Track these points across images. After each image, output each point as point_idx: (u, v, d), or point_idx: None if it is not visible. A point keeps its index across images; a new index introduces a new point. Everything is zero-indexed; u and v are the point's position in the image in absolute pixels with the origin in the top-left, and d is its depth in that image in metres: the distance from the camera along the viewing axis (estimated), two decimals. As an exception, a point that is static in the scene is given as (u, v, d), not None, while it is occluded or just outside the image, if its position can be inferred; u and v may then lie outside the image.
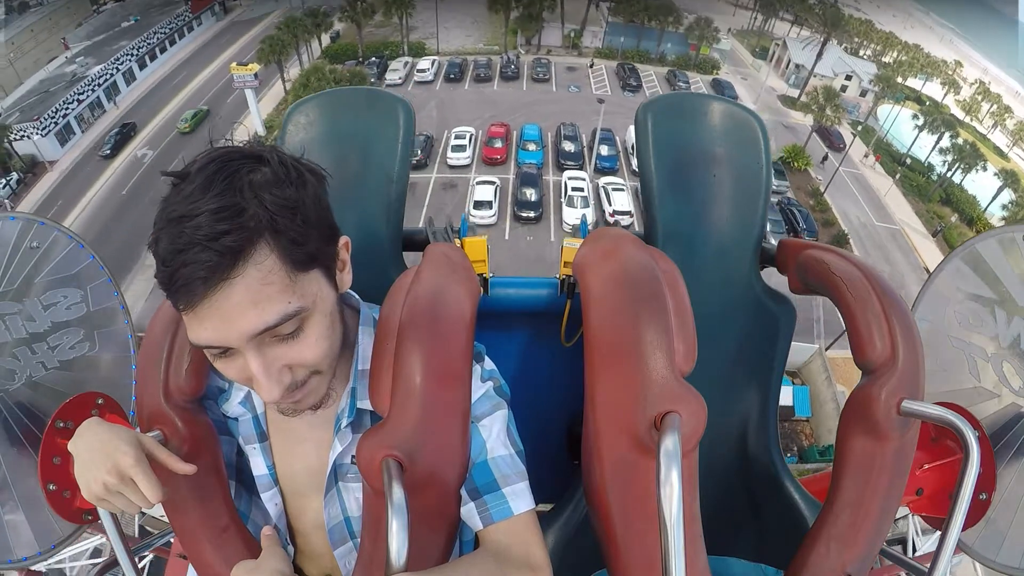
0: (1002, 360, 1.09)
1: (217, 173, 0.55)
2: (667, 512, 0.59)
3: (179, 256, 0.53)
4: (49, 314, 1.05)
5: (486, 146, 21.15)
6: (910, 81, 27.94)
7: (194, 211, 0.53)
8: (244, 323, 0.56)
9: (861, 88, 27.07)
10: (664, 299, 0.77)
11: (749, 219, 1.14)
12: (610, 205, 18.67)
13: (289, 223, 0.57)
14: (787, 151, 22.55)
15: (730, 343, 1.16)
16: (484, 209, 18.40)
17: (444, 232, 1.21)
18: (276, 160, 0.60)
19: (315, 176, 0.63)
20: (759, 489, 1.18)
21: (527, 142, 21.36)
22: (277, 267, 0.56)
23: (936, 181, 23.33)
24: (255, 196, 0.55)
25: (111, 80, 23.92)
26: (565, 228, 18.55)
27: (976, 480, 0.74)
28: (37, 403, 1.03)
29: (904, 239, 20.41)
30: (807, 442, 11.39)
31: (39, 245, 1.05)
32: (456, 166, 20.56)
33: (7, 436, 1.00)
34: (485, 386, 0.77)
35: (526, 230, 18.60)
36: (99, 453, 0.63)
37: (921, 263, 19.26)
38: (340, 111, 1.14)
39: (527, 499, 0.74)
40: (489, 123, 22.24)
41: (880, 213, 21.65)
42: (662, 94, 1.22)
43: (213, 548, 0.77)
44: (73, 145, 21.21)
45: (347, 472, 0.78)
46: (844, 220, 20.42)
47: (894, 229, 20.92)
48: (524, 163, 20.58)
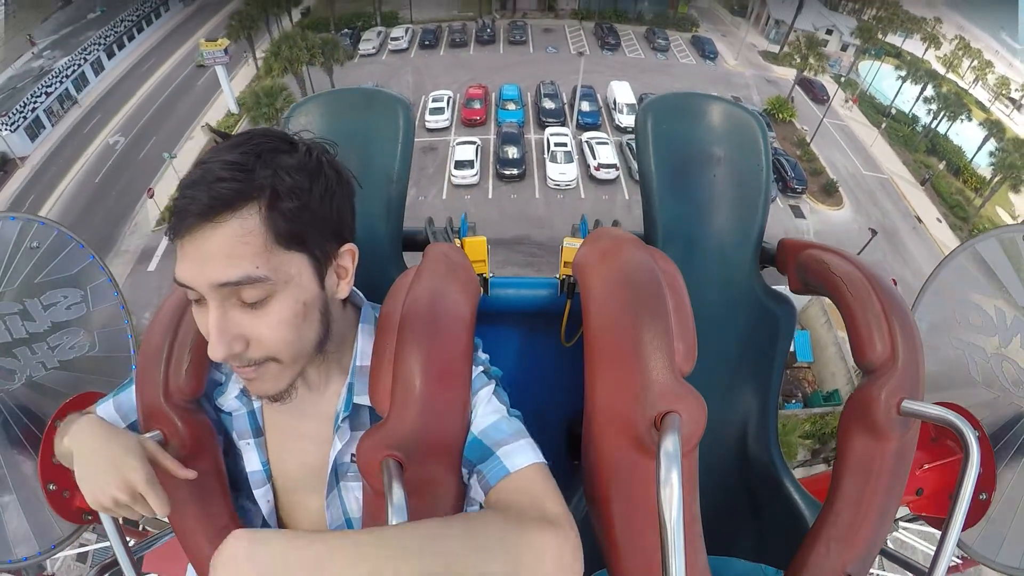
0: (1002, 360, 1.09)
1: (249, 140, 0.63)
2: (667, 512, 0.59)
3: (186, 190, 0.59)
4: (49, 314, 1.05)
5: (465, 108, 20.90)
6: (890, 38, 27.87)
7: (217, 159, 0.60)
8: (211, 270, 0.59)
9: (842, 42, 27.09)
10: (664, 299, 0.77)
11: (749, 219, 1.14)
12: (594, 159, 18.50)
13: (287, 202, 0.61)
14: (771, 103, 22.69)
15: (730, 343, 1.16)
16: (466, 169, 18.13)
17: (444, 232, 1.22)
18: (305, 150, 0.65)
19: (337, 176, 0.68)
20: (759, 489, 1.18)
21: (507, 102, 21.08)
22: (258, 231, 0.59)
23: (921, 132, 23.46)
24: (268, 167, 0.61)
25: (79, 71, 23.46)
26: (549, 184, 18.45)
27: (976, 480, 0.74)
28: (37, 403, 1.03)
29: (893, 187, 20.48)
30: (810, 388, 11.40)
31: (39, 245, 1.05)
32: (435, 129, 20.30)
33: (7, 436, 1.00)
34: (475, 371, 0.76)
35: (510, 188, 18.46)
36: (107, 464, 0.64)
37: (911, 211, 19.35)
38: (340, 111, 1.14)
39: (528, 454, 0.67)
40: (467, 87, 21.94)
41: (868, 163, 21.74)
42: (662, 94, 1.22)
43: (213, 548, 0.76)
44: (44, 139, 20.94)
45: (347, 471, 0.78)
46: (832, 169, 20.49)
47: (883, 178, 20.98)
48: (504, 122, 20.28)
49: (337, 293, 0.70)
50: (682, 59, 26.83)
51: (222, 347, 0.61)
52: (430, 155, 19.44)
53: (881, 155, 22.22)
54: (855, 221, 18.94)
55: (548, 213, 17.81)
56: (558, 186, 18.46)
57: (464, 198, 18.24)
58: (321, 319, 0.68)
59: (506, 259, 15.88)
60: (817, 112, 23.02)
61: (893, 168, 21.65)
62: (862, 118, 24.32)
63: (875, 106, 25.25)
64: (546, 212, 17.87)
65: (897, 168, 21.70)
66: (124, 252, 16.48)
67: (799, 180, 19.17)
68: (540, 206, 18.11)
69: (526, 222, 17.28)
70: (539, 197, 18.37)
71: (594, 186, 18.72)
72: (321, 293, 0.67)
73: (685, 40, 27.88)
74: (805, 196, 19.24)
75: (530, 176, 18.86)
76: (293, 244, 0.62)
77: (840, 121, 23.73)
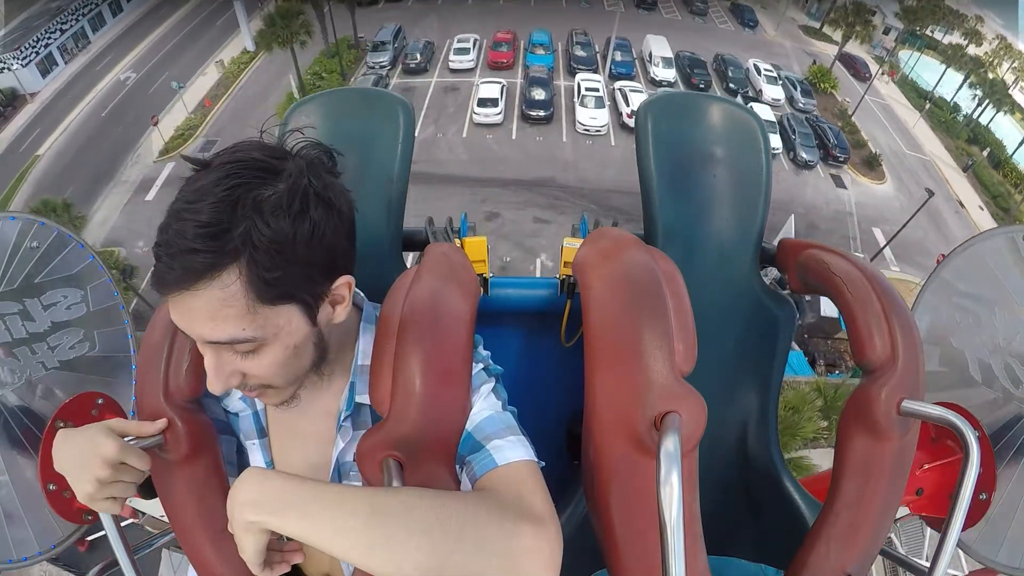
0: (1002, 360, 1.09)
1: (228, 178, 0.57)
2: (667, 512, 0.59)
3: (161, 250, 0.57)
4: (49, 314, 1.04)
5: (492, 50, 20.01)
6: (930, 34, 27.46)
7: (191, 211, 0.56)
8: (199, 328, 0.61)
9: (885, 24, 26.73)
10: (664, 299, 0.77)
11: (749, 219, 1.14)
12: (628, 106, 17.64)
13: (267, 259, 0.58)
14: (812, 72, 22.37)
15: (730, 343, 1.16)
16: (489, 107, 17.24)
17: (444, 232, 1.22)
18: (292, 180, 0.60)
19: (326, 208, 0.63)
20: (759, 489, 1.18)
21: (536, 47, 20.19)
22: (240, 294, 0.58)
23: (963, 121, 23.22)
24: (249, 217, 0.57)
25: (96, 10, 22.99)
26: (578, 128, 17.48)
27: (976, 480, 0.74)
28: (37, 403, 1.03)
29: (935, 170, 20.07)
30: (852, 360, 11.32)
31: (39, 245, 1.05)
32: (459, 70, 19.36)
33: (7, 436, 1.00)
34: (475, 368, 0.76)
35: (535, 131, 17.66)
36: (79, 452, 0.67)
37: (954, 195, 18.93)
38: (340, 111, 1.14)
39: (519, 451, 0.67)
40: (494, 31, 21.04)
41: (909, 143, 21.40)
42: (662, 93, 1.22)
43: (213, 548, 0.77)
44: (55, 76, 20.70)
45: (349, 470, 0.78)
46: (874, 144, 20.12)
47: (924, 160, 20.65)
48: (533, 66, 19.29)
49: (333, 319, 0.70)
50: (720, 25, 26.04)
51: (219, 384, 0.64)
52: (451, 95, 18.71)
53: (923, 137, 21.91)
54: (897, 198, 18.50)
55: (575, 157, 17.01)
56: (587, 131, 17.52)
57: (486, 137, 17.37)
58: (315, 349, 0.70)
59: (528, 200, 15.27)
60: (859, 88, 22.69)
61: (935, 151, 21.33)
62: (904, 100, 24.00)
63: (917, 90, 24.97)
64: (573, 156, 17.07)
65: (939, 152, 21.37)
66: (124, 182, 16.28)
67: (842, 148, 18.62)
68: (567, 150, 17.28)
69: (551, 165, 16.60)
70: (567, 141, 17.53)
71: (625, 135, 17.69)
72: (313, 330, 0.68)
73: (724, 7, 27.09)
74: (847, 167, 18.72)
75: (558, 121, 17.96)
76: (279, 299, 0.61)
77: (882, 100, 23.41)
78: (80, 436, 0.68)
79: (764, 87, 21.09)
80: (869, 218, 17.42)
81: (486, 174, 16.08)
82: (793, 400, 6.94)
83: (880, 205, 18.10)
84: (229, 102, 19.61)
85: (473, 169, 16.15)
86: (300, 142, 0.67)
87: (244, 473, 0.58)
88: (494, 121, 17.35)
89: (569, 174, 16.43)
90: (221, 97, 19.71)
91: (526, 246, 14.13)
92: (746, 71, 21.94)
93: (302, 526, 0.54)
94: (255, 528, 0.56)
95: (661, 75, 20.12)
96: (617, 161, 16.96)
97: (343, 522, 0.54)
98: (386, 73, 20.17)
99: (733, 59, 22.15)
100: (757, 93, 20.99)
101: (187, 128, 18.10)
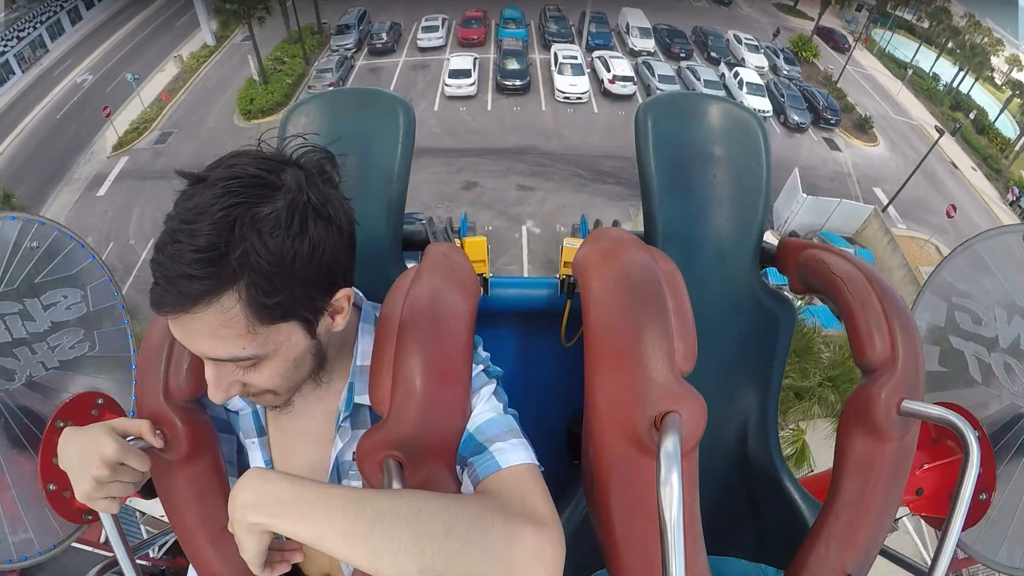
0: (1002, 360, 1.09)
1: (225, 196, 0.56)
2: (667, 512, 0.59)
3: (158, 271, 0.56)
4: (49, 314, 1.04)
5: (461, 27, 19.36)
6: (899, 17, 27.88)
7: (187, 232, 0.55)
8: (198, 345, 0.61)
9: (858, 2, 26.97)
10: (664, 299, 0.77)
11: (749, 219, 1.14)
12: (608, 72, 17.08)
13: (266, 282, 0.57)
14: (792, 41, 22.79)
15: (730, 343, 1.16)
16: (462, 78, 16.37)
17: (444, 232, 1.22)
18: (291, 197, 0.59)
19: (327, 223, 0.62)
20: (759, 489, 1.18)
21: (508, 21, 19.64)
22: (240, 316, 0.58)
23: (944, 89, 23.57)
24: (247, 238, 0.56)
25: (55, 18, 22.58)
26: (558, 97, 16.79)
27: (976, 480, 0.74)
28: (37, 403, 1.03)
29: (923, 134, 20.11)
30: None
31: (39, 245, 1.05)
32: (427, 48, 18.59)
33: (7, 436, 1.00)
34: (475, 370, 0.77)
35: (512, 101, 16.96)
36: (80, 451, 0.68)
37: (946, 157, 18.97)
38: (340, 111, 1.14)
39: (521, 454, 0.67)
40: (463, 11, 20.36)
41: (896, 109, 21.55)
42: (662, 94, 1.23)
43: (213, 548, 0.77)
44: (12, 85, 20.32)
45: (348, 469, 0.79)
46: (862, 109, 20.18)
47: (913, 124, 20.76)
48: (506, 38, 18.68)
49: (333, 328, 0.70)
50: (695, 3, 25.84)
51: (220, 395, 0.65)
52: (421, 72, 18.13)
53: (907, 104, 22.17)
54: (893, 159, 18.48)
55: (556, 125, 16.43)
56: (568, 99, 16.88)
57: (460, 110, 16.64)
58: (314, 357, 0.70)
59: (509, 168, 14.72)
60: (840, 59, 22.94)
61: (921, 117, 21.55)
62: (884, 70, 24.28)
63: (895, 61, 25.29)
64: (554, 124, 16.49)
65: (925, 117, 21.57)
66: (75, 180, 15.91)
67: (832, 110, 18.58)
68: (548, 119, 16.70)
69: (531, 133, 16.04)
70: (546, 110, 16.95)
71: (608, 102, 17.28)
72: (313, 342, 0.68)
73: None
74: (838, 130, 18.68)
75: (535, 92, 17.32)
76: (279, 318, 0.61)
77: (863, 69, 23.59)
78: (82, 435, 0.69)
79: (746, 55, 21.08)
80: (868, 178, 17.33)
81: (461, 145, 15.55)
82: (839, 356, 6.75)
83: (877, 166, 18.02)
84: (186, 95, 19.21)
85: (447, 141, 15.56)
86: (299, 148, 0.66)
87: (246, 474, 0.58)
88: (467, 93, 16.50)
89: (552, 142, 15.85)
90: (179, 91, 19.37)
91: (510, 214, 13.60)
92: (726, 41, 21.94)
93: (305, 529, 0.54)
94: (257, 530, 0.56)
95: (640, 45, 19.71)
96: (602, 128, 16.45)
97: (348, 526, 0.53)
98: (351, 55, 19.57)
99: (712, 30, 22.18)
100: (740, 60, 20.90)
101: (142, 122, 17.73)
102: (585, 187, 14.40)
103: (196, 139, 17.02)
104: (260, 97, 17.86)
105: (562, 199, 14.06)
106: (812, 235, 12.88)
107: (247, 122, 17.30)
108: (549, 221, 13.29)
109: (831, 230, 13.58)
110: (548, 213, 13.56)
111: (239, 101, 18.07)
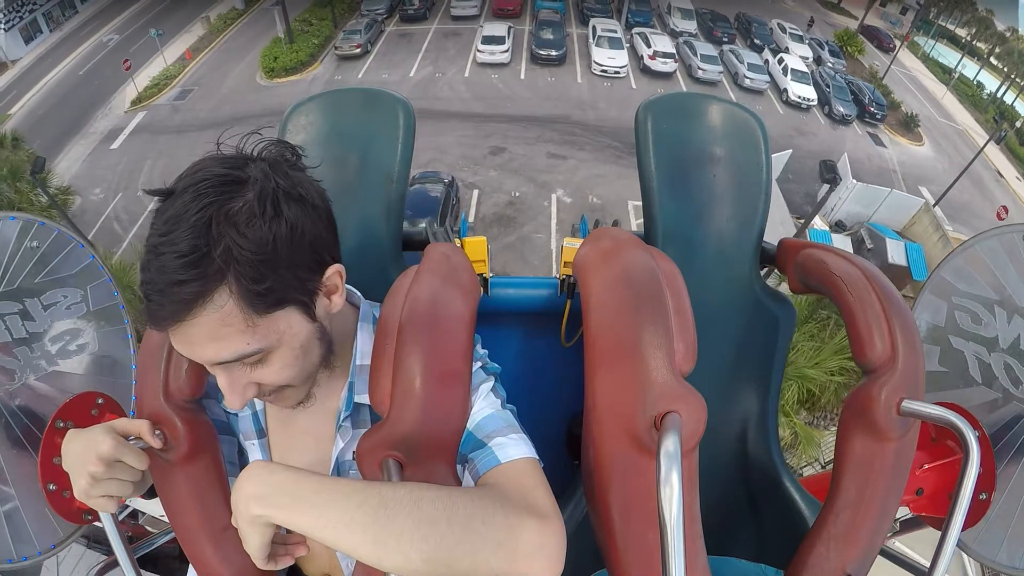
0: (1002, 360, 1.09)
1: (196, 200, 0.56)
2: (667, 512, 0.59)
3: (149, 289, 0.57)
4: (49, 314, 1.04)
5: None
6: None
7: (168, 242, 0.56)
8: (205, 353, 0.60)
9: (903, 5, 26.73)
10: (664, 299, 0.77)
11: (749, 219, 1.14)
12: (648, 48, 16.54)
13: (253, 271, 0.58)
14: (838, 35, 22.32)
15: (730, 343, 1.16)
16: (495, 44, 15.79)
17: (444, 232, 1.22)
18: (259, 186, 0.59)
19: (300, 202, 0.62)
20: (759, 489, 1.18)
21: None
22: (236, 311, 0.58)
23: (987, 99, 23.15)
24: (224, 234, 0.56)
25: None
26: (595, 70, 16.20)
27: (976, 480, 0.74)
28: (37, 403, 1.03)
29: (969, 139, 19.77)
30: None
31: (39, 245, 1.05)
32: (461, 16, 18.11)
33: (7, 436, 1.00)
34: (474, 366, 0.77)
35: (547, 71, 16.33)
36: (79, 449, 0.68)
37: (991, 164, 18.61)
38: (340, 111, 1.14)
39: (521, 448, 0.68)
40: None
41: (940, 112, 21.21)
42: (662, 94, 1.23)
43: (213, 548, 0.77)
44: (39, 44, 19.94)
45: (349, 469, 0.79)
46: (907, 108, 19.80)
47: (958, 128, 20.46)
48: (542, 9, 18.22)
49: (331, 309, 0.70)
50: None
51: (238, 400, 0.65)
52: (452, 39, 17.63)
53: (952, 108, 21.85)
54: (938, 160, 18.05)
55: (592, 97, 15.88)
56: (605, 72, 16.12)
57: (491, 76, 16.08)
58: (321, 342, 0.70)
59: (540, 136, 14.18)
60: (884, 58, 22.66)
61: (965, 122, 21.21)
62: (928, 73, 24.02)
63: (940, 66, 24.97)
64: (590, 96, 15.92)
65: (969, 123, 21.21)
66: (91, 134, 15.57)
67: (878, 105, 18.10)
68: (583, 90, 16.12)
69: (565, 103, 15.48)
70: (582, 82, 16.32)
71: (647, 79, 16.69)
72: (315, 325, 0.68)
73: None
74: (883, 126, 18.26)
75: (571, 64, 16.69)
76: (274, 305, 0.61)
77: (907, 71, 23.33)
78: (83, 435, 0.69)
79: (790, 44, 20.52)
80: (913, 176, 16.90)
81: (491, 111, 14.82)
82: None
83: (922, 165, 17.57)
84: (211, 55, 18.90)
85: (477, 106, 14.96)
86: (258, 143, 0.66)
87: (249, 466, 0.58)
88: (500, 60, 15.83)
89: (588, 113, 15.05)
90: (203, 50, 19.08)
91: (539, 181, 13.01)
92: (770, 30, 21.44)
93: (309, 519, 0.54)
94: (261, 522, 0.56)
95: (681, 26, 19.15)
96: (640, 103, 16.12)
97: (351, 515, 0.54)
98: (382, 20, 19.12)
99: (756, 18, 21.74)
100: (783, 49, 20.37)
101: (164, 78, 17.45)
102: (621, 159, 13.77)
103: (216, 96, 16.76)
104: (284, 56, 17.58)
105: (595, 169, 13.55)
106: (859, 226, 12.30)
107: (269, 80, 16.99)
108: (581, 190, 12.65)
109: (879, 222, 12.89)
110: (580, 182, 13.00)
111: (263, 59, 17.78)
